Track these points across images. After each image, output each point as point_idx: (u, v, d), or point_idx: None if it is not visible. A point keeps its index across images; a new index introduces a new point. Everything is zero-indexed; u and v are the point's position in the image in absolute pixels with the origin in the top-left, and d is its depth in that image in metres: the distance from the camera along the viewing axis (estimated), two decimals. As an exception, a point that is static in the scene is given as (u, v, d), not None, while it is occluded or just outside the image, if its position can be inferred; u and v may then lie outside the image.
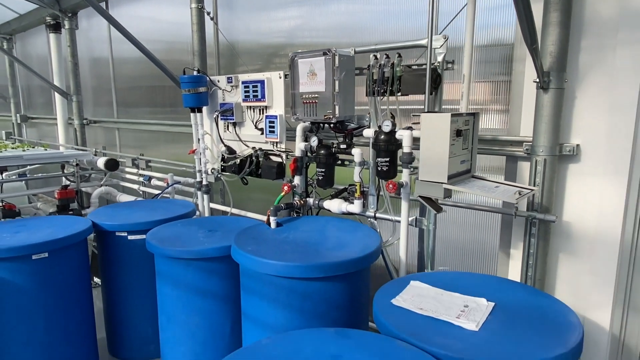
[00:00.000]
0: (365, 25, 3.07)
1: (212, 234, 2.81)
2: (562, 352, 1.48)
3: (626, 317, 2.35)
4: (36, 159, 4.69)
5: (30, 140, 7.20)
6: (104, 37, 5.70)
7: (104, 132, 6.25)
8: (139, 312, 3.27)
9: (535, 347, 1.51)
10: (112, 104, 5.85)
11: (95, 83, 6.15)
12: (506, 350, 1.49)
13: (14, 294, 2.66)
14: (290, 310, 2.08)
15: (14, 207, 4.94)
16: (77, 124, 6.18)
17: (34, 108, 7.98)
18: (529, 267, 2.34)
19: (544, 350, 1.49)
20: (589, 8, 2.13)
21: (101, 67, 5.92)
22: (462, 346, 1.52)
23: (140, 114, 5.49)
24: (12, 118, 8.17)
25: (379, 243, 2.28)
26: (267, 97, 2.99)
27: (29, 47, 7.56)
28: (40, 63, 7.06)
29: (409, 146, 2.25)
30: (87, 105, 6.31)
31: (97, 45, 5.91)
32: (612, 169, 2.16)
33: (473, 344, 1.54)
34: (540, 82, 2.11)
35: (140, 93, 5.42)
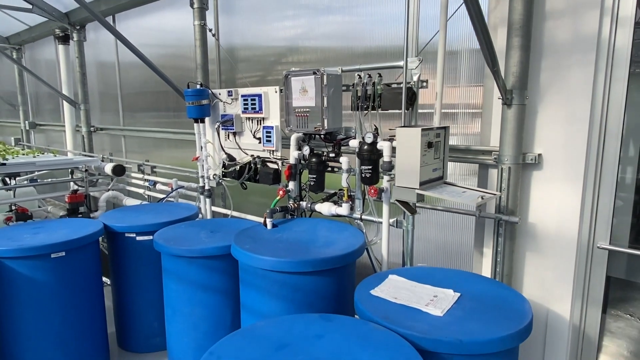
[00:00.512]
0: (356, 33, 3.32)
1: (214, 234, 3.08)
2: (509, 333, 1.75)
3: (585, 308, 2.62)
4: (48, 165, 4.97)
5: (39, 147, 7.49)
6: (111, 47, 5.99)
7: (110, 138, 6.54)
8: (146, 307, 3.54)
9: (488, 328, 1.79)
10: (118, 111, 6.14)
11: (102, 89, 6.44)
12: (462, 330, 1.76)
13: (33, 290, 2.93)
14: (283, 300, 2.36)
15: (26, 210, 5.24)
16: (84, 131, 6.48)
17: (42, 115, 8.28)
18: (497, 264, 2.61)
19: (494, 331, 1.77)
20: (547, 33, 2.41)
21: (108, 75, 6.21)
22: (426, 328, 1.79)
23: (145, 118, 5.77)
24: (20, 125, 8.47)
25: (363, 242, 2.56)
26: (264, 109, 3.28)
27: (37, 56, 7.87)
28: (48, 71, 7.36)
29: (388, 155, 2.53)
30: (94, 111, 6.59)
31: (104, 55, 6.20)
32: (570, 175, 2.43)
33: (435, 326, 1.81)
34: (503, 99, 2.39)
35: (145, 98, 5.69)
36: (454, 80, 2.87)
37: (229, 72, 4.48)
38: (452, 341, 1.70)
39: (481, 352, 1.71)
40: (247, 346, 1.69)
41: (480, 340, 1.71)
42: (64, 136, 7.27)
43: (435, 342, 1.71)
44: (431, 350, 1.70)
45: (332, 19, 3.45)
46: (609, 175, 2.45)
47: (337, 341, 1.72)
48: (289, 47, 3.83)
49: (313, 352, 1.65)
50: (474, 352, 1.71)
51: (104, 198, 5.28)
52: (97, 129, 6.50)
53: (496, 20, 2.57)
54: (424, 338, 1.72)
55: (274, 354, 1.64)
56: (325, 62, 3.54)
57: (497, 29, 2.55)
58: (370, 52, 3.27)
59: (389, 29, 3.13)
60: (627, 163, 2.69)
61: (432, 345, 1.71)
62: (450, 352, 1.71)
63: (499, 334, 1.73)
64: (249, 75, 4.23)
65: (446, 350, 1.71)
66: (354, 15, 3.32)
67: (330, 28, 3.47)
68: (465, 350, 1.70)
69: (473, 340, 1.70)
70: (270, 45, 4.01)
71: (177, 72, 4.86)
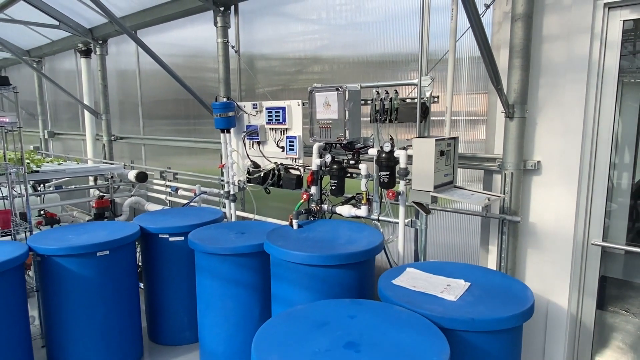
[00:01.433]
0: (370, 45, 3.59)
1: (242, 235, 3.39)
2: (514, 313, 2.05)
3: (582, 299, 2.92)
4: (77, 172, 5.29)
5: (58, 155, 7.81)
6: (131, 58, 6.31)
7: (129, 146, 6.86)
8: (177, 303, 3.84)
9: (495, 310, 2.09)
10: (139, 120, 6.46)
11: (122, 99, 6.77)
12: (473, 311, 2.06)
13: (81, 285, 3.24)
14: (311, 291, 2.66)
15: (54, 215, 5.55)
16: (105, 140, 6.80)
17: (60, 124, 8.61)
18: (502, 259, 2.91)
19: (501, 312, 2.07)
20: (544, 55, 2.73)
21: (128, 86, 6.53)
22: (443, 310, 2.09)
23: (164, 126, 6.08)
24: (39, 133, 8.80)
25: (382, 240, 2.87)
26: (287, 121, 3.60)
27: (56, 67, 8.22)
28: (67, 82, 7.70)
29: (404, 162, 2.85)
30: (114, 120, 6.91)
31: (125, 66, 6.53)
32: (566, 179, 2.74)
33: (450, 308, 2.11)
34: (506, 112, 2.71)
35: (165, 107, 6.00)
36: (457, 88, 3.11)
37: (248, 83, 4.80)
38: (466, 319, 2.00)
39: (490, 329, 2.01)
40: (293, 324, 2.00)
41: (490, 319, 2.01)
42: (83, 145, 7.60)
43: (451, 320, 2.01)
44: (448, 328, 2.00)
45: (348, 32, 3.73)
46: (601, 180, 2.76)
47: (368, 320, 2.02)
48: (307, 58, 4.10)
49: (349, 328, 1.96)
50: (485, 328, 2.01)
51: (127, 203, 5.59)
52: (118, 138, 6.82)
53: (499, 42, 2.90)
54: (442, 317, 2.02)
55: (317, 329, 1.94)
56: (342, 72, 3.82)
57: (500, 50, 2.87)
58: (384, 61, 3.53)
59: (400, 39, 3.39)
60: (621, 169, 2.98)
61: (449, 323, 2.01)
62: (464, 329, 2.01)
63: (505, 314, 2.04)
64: (268, 86, 4.55)
65: (461, 327, 2.01)
66: (367, 28, 3.60)
67: (346, 40, 3.74)
68: (477, 327, 2.00)
69: (484, 318, 2.01)
70: (288, 57, 4.28)
71: (197, 82, 5.17)
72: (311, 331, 1.93)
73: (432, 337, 1.86)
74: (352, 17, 3.67)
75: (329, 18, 3.84)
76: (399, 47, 3.40)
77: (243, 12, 4.58)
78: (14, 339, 3.03)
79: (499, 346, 2.09)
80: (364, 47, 3.62)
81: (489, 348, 2.06)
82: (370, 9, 3.52)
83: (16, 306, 3.06)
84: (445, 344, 1.80)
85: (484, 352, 2.06)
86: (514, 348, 2.20)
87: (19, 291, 3.09)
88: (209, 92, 4.98)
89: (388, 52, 3.48)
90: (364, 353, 1.75)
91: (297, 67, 4.20)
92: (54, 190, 6.17)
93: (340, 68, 3.84)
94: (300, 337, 1.88)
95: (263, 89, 4.53)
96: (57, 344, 3.32)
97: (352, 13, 3.66)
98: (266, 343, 1.84)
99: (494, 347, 2.07)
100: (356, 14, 3.63)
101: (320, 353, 1.75)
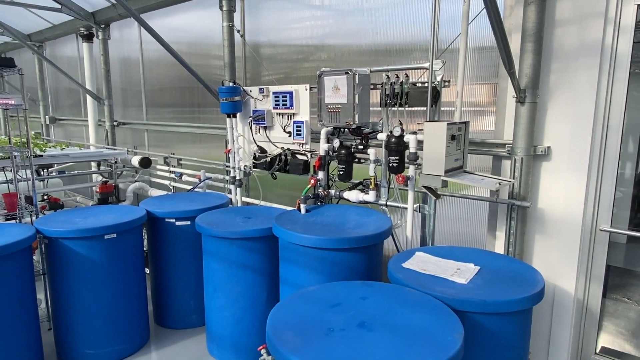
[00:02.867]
0: (377, 32, 3.56)
1: (248, 219, 3.40)
2: (525, 296, 2.07)
3: (588, 284, 2.94)
4: (80, 157, 5.27)
5: (60, 141, 7.78)
6: (134, 44, 6.27)
7: (131, 132, 6.84)
8: (183, 287, 3.86)
9: (506, 293, 2.11)
10: (142, 106, 6.43)
11: (124, 85, 6.73)
12: (484, 294, 2.08)
13: (89, 267, 3.25)
14: (321, 274, 2.67)
15: (58, 200, 5.54)
16: (108, 126, 6.77)
17: (61, 110, 8.57)
18: (510, 245, 2.92)
19: (511, 295, 2.08)
20: (556, 39, 2.71)
21: (131, 71, 6.49)
22: (454, 292, 2.11)
23: (167, 113, 6.07)
24: (41, 119, 8.76)
25: (390, 224, 2.88)
26: (295, 105, 3.59)
27: (58, 53, 8.15)
28: (69, 68, 7.65)
29: (414, 147, 2.84)
30: (116, 106, 6.87)
31: (127, 52, 6.49)
32: (575, 165, 2.74)
33: (461, 290, 2.13)
34: (517, 97, 2.70)
35: (168, 94, 5.98)
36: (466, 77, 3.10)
37: (254, 70, 4.77)
38: (477, 301, 2.01)
39: (502, 310, 2.03)
40: (307, 304, 2.01)
41: (501, 301, 2.02)
42: (85, 131, 7.57)
43: (463, 302, 2.02)
44: (459, 310, 2.02)
45: (356, 19, 3.70)
46: (610, 166, 2.76)
47: (380, 301, 2.04)
48: (313, 45, 4.08)
49: (361, 309, 1.97)
50: (496, 310, 2.02)
51: (131, 189, 5.59)
52: (120, 124, 6.80)
53: (510, 27, 2.88)
54: (454, 299, 2.04)
55: (330, 309, 1.96)
56: (348, 60, 3.82)
57: (512, 34, 2.85)
58: (391, 49, 3.51)
59: (407, 26, 3.37)
60: (625, 159, 2.98)
61: (461, 305, 2.02)
62: (476, 310, 2.02)
63: (516, 296, 2.05)
64: (274, 72, 4.52)
65: (472, 309, 2.02)
66: (377, 15, 3.57)
67: (353, 27, 3.71)
68: (488, 309, 2.02)
69: (495, 300, 2.02)
70: (294, 43, 4.26)
71: (201, 69, 5.13)
72: (325, 311, 1.95)
73: (445, 317, 1.88)
74: (358, 2, 3.63)
75: (335, 4, 3.81)
76: (407, 36, 3.38)
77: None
78: (23, 321, 3.05)
79: (510, 328, 2.11)
80: (372, 35, 3.59)
81: (500, 330, 2.08)
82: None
83: (25, 288, 3.07)
84: (459, 324, 1.81)
85: (495, 334, 2.07)
86: (524, 330, 2.22)
87: (27, 273, 3.10)
88: (213, 79, 4.95)
89: (395, 41, 3.46)
90: (378, 332, 1.77)
91: (303, 55, 4.17)
92: (57, 176, 6.16)
93: (346, 56, 3.82)
94: (314, 316, 1.90)
95: (270, 75, 4.51)
96: (65, 327, 3.34)
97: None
98: (281, 321, 1.85)
99: (504, 329, 2.09)
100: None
101: (335, 332, 1.76)
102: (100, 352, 3.36)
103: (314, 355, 1.59)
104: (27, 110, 3.90)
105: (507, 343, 2.11)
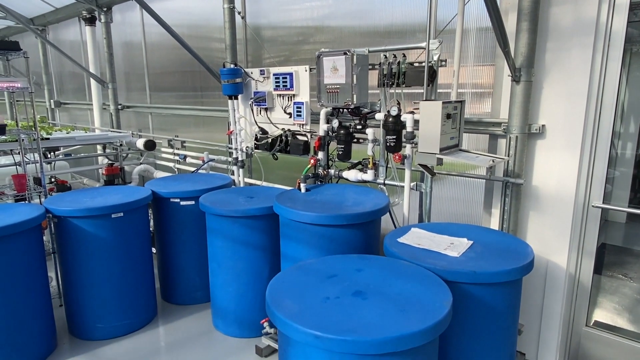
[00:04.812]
0: (376, 13, 3.57)
1: (250, 199, 3.49)
2: (513, 267, 2.16)
3: (580, 259, 3.03)
4: (86, 140, 5.38)
5: (65, 124, 7.89)
6: (137, 28, 6.31)
7: (135, 116, 6.92)
8: (189, 264, 3.98)
9: (496, 264, 2.20)
10: (145, 90, 6.50)
11: (127, 69, 6.79)
12: (475, 266, 2.17)
13: (97, 244, 3.37)
14: (320, 250, 2.77)
15: (65, 182, 5.68)
16: (112, 109, 6.86)
17: (66, 94, 8.65)
18: (504, 221, 3.00)
19: (502, 266, 2.17)
20: (552, 18, 2.74)
21: (134, 55, 6.55)
22: (446, 264, 2.20)
23: (170, 98, 6.14)
24: (45, 103, 8.85)
25: (387, 202, 2.97)
26: (295, 86, 3.65)
27: (61, 37, 8.19)
28: (72, 52, 7.70)
29: (411, 126, 2.91)
30: (120, 90, 6.95)
31: (130, 35, 6.53)
32: (569, 143, 2.80)
33: (453, 263, 2.22)
34: (512, 76, 2.75)
35: (172, 78, 6.04)
36: (463, 60, 3.13)
37: (255, 52, 4.81)
38: (468, 272, 2.11)
39: (491, 281, 2.13)
40: (305, 275, 2.11)
41: (490, 272, 2.12)
42: (90, 115, 7.66)
43: (454, 273, 2.12)
44: (451, 280, 2.12)
45: (355, 0, 3.73)
46: (604, 144, 2.82)
47: (374, 273, 2.14)
48: (313, 27, 4.11)
49: (356, 280, 2.07)
50: (486, 281, 2.12)
51: (137, 171, 5.70)
52: (124, 107, 6.88)
53: (507, 6, 2.90)
54: (445, 270, 2.13)
55: (327, 280, 2.06)
56: (348, 41, 3.85)
57: (508, 14, 2.88)
58: (390, 31, 3.54)
59: (407, 7, 3.39)
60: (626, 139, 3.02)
61: (452, 276, 2.12)
62: (466, 281, 2.12)
63: (505, 268, 2.14)
64: (275, 55, 4.56)
65: (463, 280, 2.12)
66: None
67: (353, 8, 3.72)
68: (478, 280, 2.11)
69: (485, 272, 2.11)
70: (294, 25, 4.28)
71: (202, 52, 5.16)
72: (321, 281, 2.05)
73: (436, 287, 1.98)
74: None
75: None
76: (406, 17, 3.40)
77: (249, -23, 4.55)
78: (35, 298, 3.18)
79: (499, 298, 2.21)
80: (371, 16, 3.61)
81: (489, 300, 2.18)
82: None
83: (36, 266, 3.20)
84: (448, 293, 1.91)
85: (485, 303, 2.18)
86: (513, 301, 2.32)
87: (37, 251, 3.23)
88: (215, 62, 4.99)
89: (395, 22, 3.48)
90: (372, 300, 1.87)
91: (303, 36, 4.20)
92: (63, 158, 6.28)
93: (345, 37, 3.84)
94: (311, 286, 2.00)
95: (271, 58, 4.55)
96: (75, 303, 3.48)
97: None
98: (279, 291, 1.96)
99: (494, 298, 2.19)
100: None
101: (331, 299, 1.87)
102: (110, 326, 3.51)
103: (310, 320, 1.70)
104: (33, 94, 3.98)
105: (496, 312, 2.21)
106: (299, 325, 1.67)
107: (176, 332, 3.63)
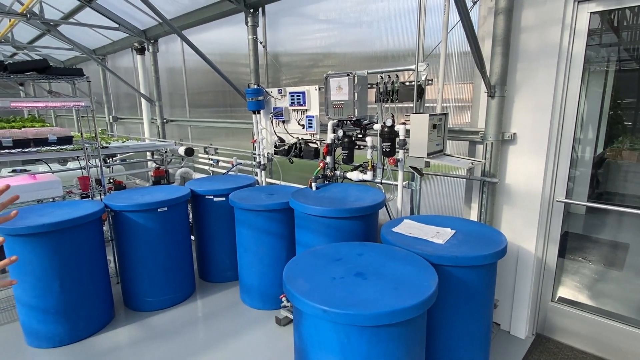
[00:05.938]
0: (374, 41, 3.56)
1: (271, 195, 3.49)
2: (489, 252, 2.12)
3: (546, 246, 2.97)
4: (138, 148, 5.42)
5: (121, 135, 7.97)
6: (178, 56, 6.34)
7: (177, 128, 6.97)
8: (220, 249, 3.99)
9: (474, 250, 2.16)
10: (185, 106, 6.54)
11: (170, 90, 6.84)
12: (457, 251, 2.14)
13: (146, 233, 3.39)
14: (327, 237, 2.76)
15: (121, 182, 5.74)
16: (159, 123, 6.91)
17: (121, 110, 8.75)
18: (482, 214, 2.96)
19: (480, 251, 2.14)
20: (522, 43, 2.69)
21: (176, 78, 6.59)
22: (432, 250, 2.17)
23: (205, 113, 6.17)
24: (105, 118, 8.97)
25: (384, 198, 2.94)
26: (307, 103, 3.63)
27: (117, 64, 8.29)
28: (126, 76, 7.79)
29: (403, 135, 2.87)
30: (165, 107, 7.01)
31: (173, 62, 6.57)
32: (536, 148, 2.74)
33: (438, 249, 2.19)
34: (488, 92, 2.70)
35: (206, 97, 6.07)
36: (447, 79, 3.12)
37: (274, 75, 4.82)
38: (450, 257, 2.08)
39: (470, 264, 2.09)
40: (315, 258, 2.10)
41: (470, 256, 2.08)
42: (141, 127, 7.73)
43: (439, 257, 2.09)
44: (437, 264, 2.09)
45: (357, 30, 3.69)
46: (566, 148, 2.76)
47: (373, 257, 2.12)
48: (322, 53, 4.11)
49: (358, 262, 2.05)
50: (466, 264, 2.09)
51: (179, 173, 5.74)
52: (169, 121, 6.93)
53: (484, 34, 2.86)
54: (431, 255, 2.11)
55: (333, 263, 2.05)
56: (351, 65, 3.84)
57: (484, 40, 2.84)
58: (386, 56, 3.53)
59: (399, 36, 3.37)
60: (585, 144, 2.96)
61: (437, 260, 2.09)
62: (449, 264, 2.09)
63: (483, 253, 2.11)
64: (290, 76, 4.56)
65: (446, 263, 2.09)
66: (374, 27, 3.57)
67: (355, 37, 3.71)
68: (460, 263, 2.08)
69: (464, 256, 2.08)
70: (306, 52, 4.29)
71: (230, 75, 5.19)
72: (329, 264, 2.04)
73: (424, 269, 1.95)
74: (358, 16, 3.63)
75: (340, 18, 3.81)
76: (399, 44, 3.37)
77: (269, 14, 4.54)
78: (97, 276, 3.22)
79: (477, 278, 2.17)
80: (370, 44, 3.59)
81: (469, 280, 2.15)
82: (375, 9, 3.47)
83: (97, 251, 3.23)
84: (434, 274, 1.88)
85: (465, 283, 2.14)
86: (489, 281, 2.28)
87: (98, 239, 3.27)
88: (241, 83, 5.01)
89: (390, 48, 3.45)
90: (370, 279, 1.85)
91: (313, 61, 4.19)
92: (120, 163, 6.35)
93: (349, 61, 3.82)
94: (321, 268, 1.99)
95: (287, 79, 4.54)
96: (129, 281, 3.52)
97: (359, 13, 3.62)
98: (294, 271, 1.95)
99: (473, 279, 2.16)
100: (362, 14, 3.59)
101: (337, 279, 1.85)
102: (157, 299, 3.54)
103: (319, 296, 1.69)
104: (94, 111, 4.03)
105: (475, 290, 2.17)
106: (309, 301, 1.66)
107: (210, 305, 3.65)
